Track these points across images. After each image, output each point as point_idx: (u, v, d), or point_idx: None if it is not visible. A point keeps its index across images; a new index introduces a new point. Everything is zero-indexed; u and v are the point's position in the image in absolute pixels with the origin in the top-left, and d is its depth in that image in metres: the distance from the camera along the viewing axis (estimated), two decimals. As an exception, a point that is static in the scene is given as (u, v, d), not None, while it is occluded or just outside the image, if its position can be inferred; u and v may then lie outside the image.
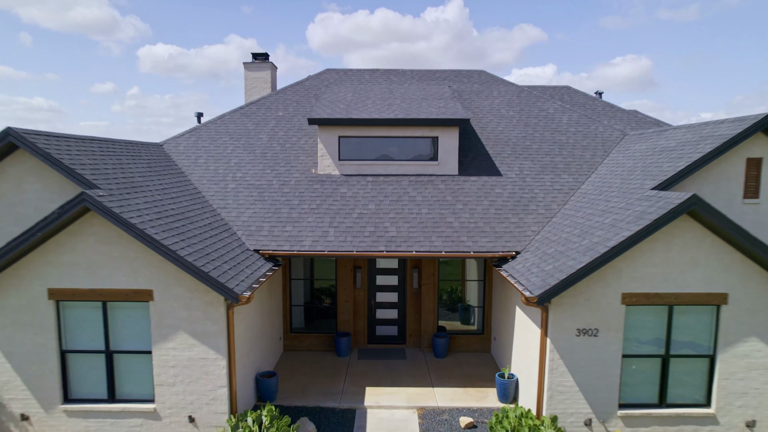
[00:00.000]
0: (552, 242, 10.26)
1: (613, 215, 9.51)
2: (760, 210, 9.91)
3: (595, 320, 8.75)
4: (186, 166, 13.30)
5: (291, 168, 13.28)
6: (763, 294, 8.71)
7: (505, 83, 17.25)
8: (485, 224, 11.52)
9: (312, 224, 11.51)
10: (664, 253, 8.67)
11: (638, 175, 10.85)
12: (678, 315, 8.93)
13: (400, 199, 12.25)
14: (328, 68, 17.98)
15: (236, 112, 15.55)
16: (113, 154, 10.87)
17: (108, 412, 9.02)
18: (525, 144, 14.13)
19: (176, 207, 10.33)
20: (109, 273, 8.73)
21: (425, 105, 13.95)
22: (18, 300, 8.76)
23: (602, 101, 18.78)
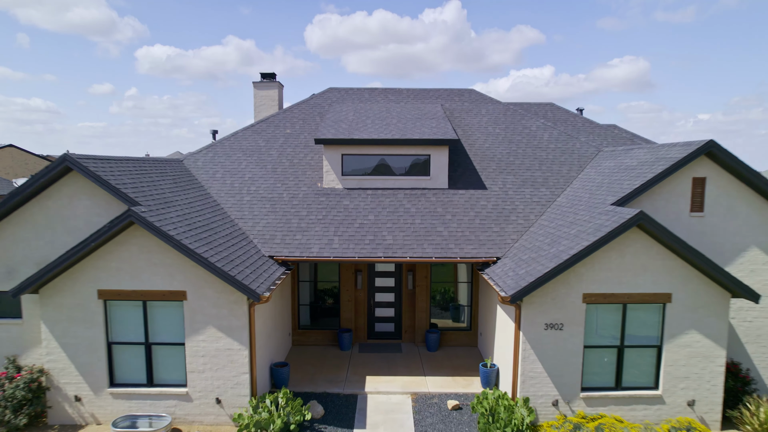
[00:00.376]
0: (527, 249, 11.87)
1: (578, 227, 11.12)
2: (704, 222, 11.51)
3: (561, 316, 10.36)
4: (205, 180, 14.88)
5: (299, 182, 14.88)
6: (700, 294, 10.32)
7: (492, 102, 18.88)
8: (471, 233, 13.13)
9: (319, 233, 13.10)
10: (619, 260, 10.28)
11: (604, 191, 12.46)
12: (630, 312, 10.55)
13: (396, 210, 13.85)
14: (331, 87, 19.59)
15: (248, 130, 17.14)
16: (145, 172, 12.46)
17: (147, 394, 10.60)
18: (509, 160, 15.75)
19: (202, 219, 11.91)
20: (149, 276, 10.31)
21: (419, 125, 15.56)
22: (72, 299, 10.33)
23: (582, 117, 20.42)
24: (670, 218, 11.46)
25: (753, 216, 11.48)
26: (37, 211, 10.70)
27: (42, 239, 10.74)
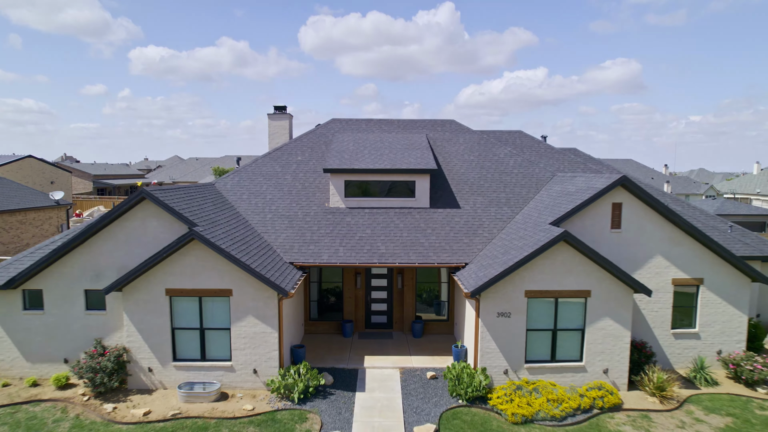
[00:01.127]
0: (487, 257, 15.53)
1: (525, 240, 14.79)
2: (621, 236, 15.18)
3: (509, 307, 14.01)
4: (234, 200, 18.46)
5: (310, 202, 18.49)
6: (611, 290, 14.01)
7: (469, 132, 22.55)
8: (446, 244, 16.78)
9: (327, 244, 16.70)
10: (551, 265, 13.95)
11: (548, 212, 16.13)
12: (561, 304, 14.22)
13: (388, 225, 17.48)
14: (334, 118, 23.23)
15: (266, 157, 20.73)
16: (192, 197, 16.03)
17: (201, 367, 14.16)
18: (479, 183, 19.42)
19: (239, 234, 15.51)
20: (203, 278, 13.88)
21: (407, 155, 19.21)
22: (147, 295, 13.89)
23: (546, 144, 24.10)
24: (595, 234, 15.15)
25: (657, 232, 15.19)
26: (118, 230, 14.26)
27: (121, 251, 14.29)
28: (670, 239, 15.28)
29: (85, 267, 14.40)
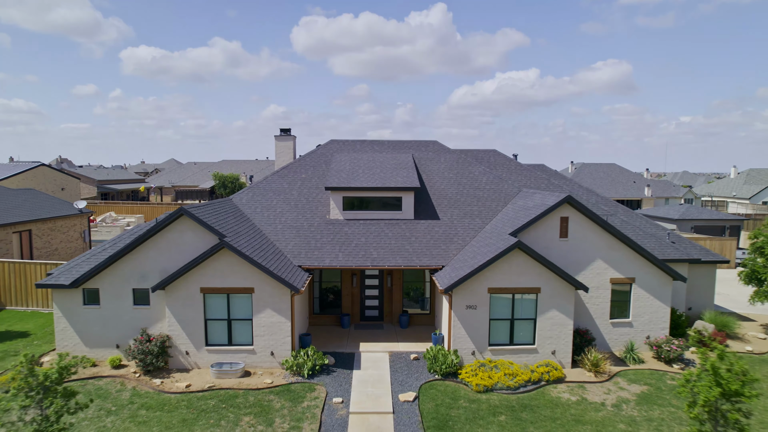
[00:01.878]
0: (460, 261, 19.05)
1: (489, 247, 18.32)
2: (568, 244, 18.73)
3: (475, 301, 17.54)
4: (249, 213, 21.87)
5: (314, 214, 21.94)
6: (557, 288, 17.56)
7: (449, 151, 26.08)
8: (427, 250, 20.28)
9: (328, 250, 20.16)
10: (508, 268, 17.48)
11: (509, 224, 19.66)
12: (517, 298, 17.76)
13: (378, 234, 20.97)
14: (332, 139, 26.69)
15: (275, 175, 24.16)
16: (218, 212, 19.43)
17: (228, 350, 17.57)
18: (456, 198, 22.96)
19: (257, 242, 18.94)
20: (231, 278, 17.30)
21: (395, 174, 22.71)
22: (185, 293, 17.30)
23: (516, 162, 27.67)
24: (547, 241, 18.70)
25: (597, 240, 18.77)
26: (161, 240, 17.65)
27: (163, 257, 17.68)
28: (608, 246, 18.87)
29: (134, 270, 17.78)
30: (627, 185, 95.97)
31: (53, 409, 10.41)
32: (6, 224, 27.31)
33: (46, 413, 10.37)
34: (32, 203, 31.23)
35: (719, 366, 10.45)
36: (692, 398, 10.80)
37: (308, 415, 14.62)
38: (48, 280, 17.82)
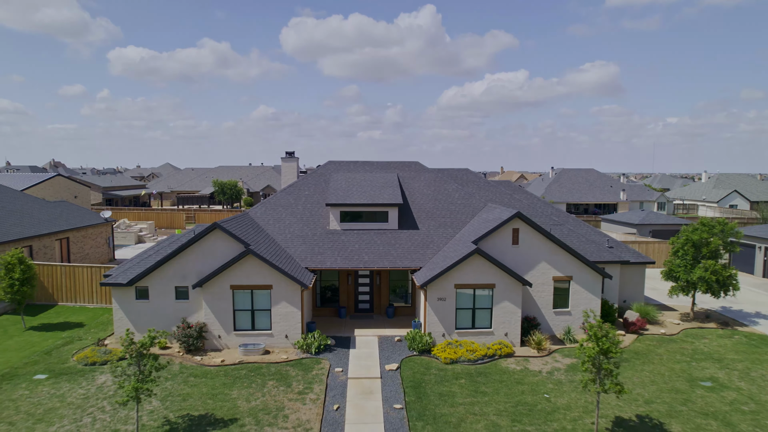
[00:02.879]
0: (434, 263, 24.03)
1: (456, 252, 23.30)
2: (519, 250, 23.74)
3: (444, 294, 22.52)
4: (263, 224, 26.69)
5: (316, 225, 26.81)
6: (508, 283, 22.58)
7: (429, 171, 31.06)
8: (408, 254, 25.23)
9: (329, 255, 25.04)
10: (470, 268, 22.48)
11: (474, 233, 24.65)
12: (477, 292, 22.78)
13: (369, 242, 25.89)
14: (330, 161, 31.57)
15: (283, 192, 28.99)
16: (239, 225, 24.24)
17: (251, 334, 22.40)
18: (433, 211, 27.94)
19: (272, 249, 23.78)
20: (254, 278, 22.13)
21: (383, 192, 27.63)
22: (218, 289, 22.12)
23: (485, 179, 32.70)
24: (503, 247, 23.70)
25: (541, 246, 23.81)
26: (197, 248, 22.45)
27: (199, 261, 22.46)
28: (551, 251, 23.92)
29: (176, 272, 22.56)
30: (604, 189, 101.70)
31: (148, 367, 15.22)
32: (50, 233, 31.89)
33: (143, 369, 15.16)
34: (68, 214, 35.80)
35: (599, 334, 15.48)
36: (584, 356, 15.82)
37: (317, 380, 19.51)
38: (109, 280, 22.57)
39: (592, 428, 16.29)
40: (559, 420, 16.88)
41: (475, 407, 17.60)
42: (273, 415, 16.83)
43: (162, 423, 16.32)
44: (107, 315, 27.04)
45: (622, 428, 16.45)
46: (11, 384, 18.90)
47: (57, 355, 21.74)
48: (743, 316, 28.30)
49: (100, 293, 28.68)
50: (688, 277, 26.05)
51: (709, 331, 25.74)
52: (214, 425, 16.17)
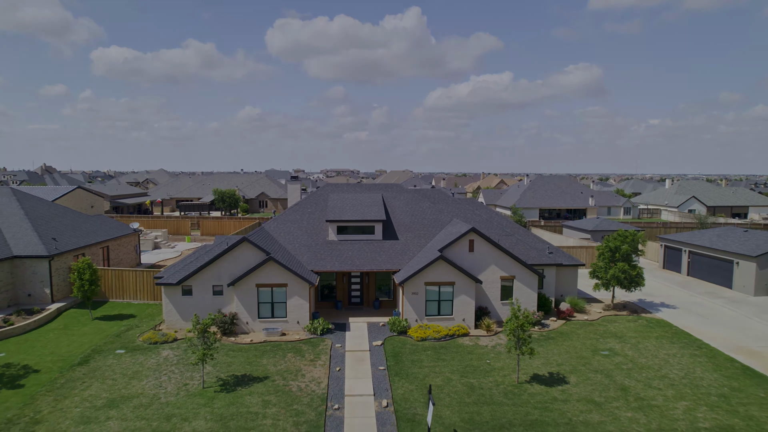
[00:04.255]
0: (409, 266, 31.43)
1: (426, 258, 30.72)
2: (474, 255, 31.19)
3: (417, 290, 29.93)
4: (276, 236, 33.89)
5: (318, 237, 34.09)
6: (465, 281, 30.05)
7: (407, 191, 38.47)
8: (390, 259, 32.61)
9: (328, 260, 32.32)
10: (436, 270, 29.91)
11: (441, 242, 32.06)
12: (442, 288, 30.23)
13: (359, 250, 33.22)
14: (328, 183, 38.89)
15: (290, 210, 36.20)
16: (260, 237, 31.42)
17: (271, 320, 29.61)
18: (410, 225, 35.37)
19: (286, 256, 31.01)
20: (273, 278, 29.34)
21: (370, 209, 34.98)
22: (246, 287, 29.30)
23: (453, 197, 40.15)
24: (462, 254, 31.14)
25: (491, 253, 31.33)
26: (230, 256, 29.60)
27: (231, 265, 29.60)
28: (498, 256, 31.42)
29: (213, 274, 29.67)
30: (575, 196, 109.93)
31: (210, 339, 22.38)
32: (97, 243, 38.76)
33: (207, 341, 22.31)
34: (107, 226, 42.64)
35: (518, 313, 22.97)
36: (507, 330, 23.30)
37: (323, 352, 26.77)
38: (161, 281, 29.62)
39: (515, 380, 23.78)
40: (494, 375, 24.35)
41: (436, 368, 25.02)
42: (294, 374, 24.10)
43: (216, 379, 23.49)
44: (151, 309, 34.06)
45: (535, 380, 23.96)
46: (102, 356, 25.96)
47: (125, 337, 28.77)
48: (652, 306, 36.14)
49: (143, 291, 35.67)
50: (606, 275, 33.76)
51: (621, 317, 33.48)
52: (254, 380, 23.39)
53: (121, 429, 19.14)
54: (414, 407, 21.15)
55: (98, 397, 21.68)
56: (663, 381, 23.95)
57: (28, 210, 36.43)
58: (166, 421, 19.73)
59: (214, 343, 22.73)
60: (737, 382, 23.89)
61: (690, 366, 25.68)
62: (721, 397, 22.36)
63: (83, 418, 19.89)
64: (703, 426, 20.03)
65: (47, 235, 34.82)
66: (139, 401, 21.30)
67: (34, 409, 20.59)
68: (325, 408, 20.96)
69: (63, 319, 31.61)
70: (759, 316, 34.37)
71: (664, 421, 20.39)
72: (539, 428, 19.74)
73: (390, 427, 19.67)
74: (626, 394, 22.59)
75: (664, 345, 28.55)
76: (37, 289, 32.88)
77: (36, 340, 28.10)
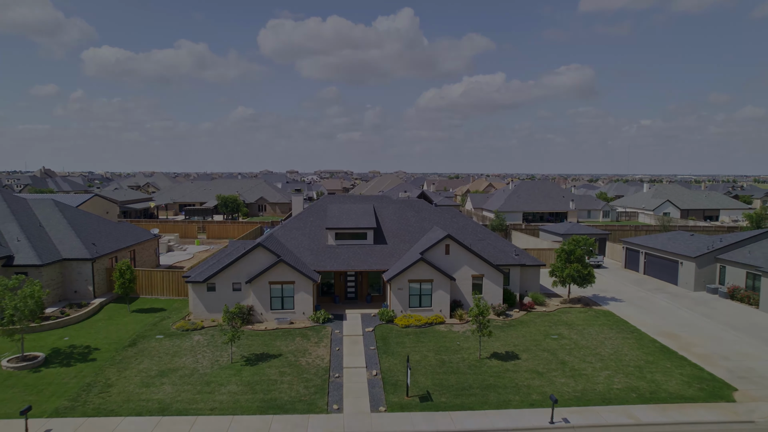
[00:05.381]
0: (395, 266, 37.68)
1: (410, 259, 36.99)
2: (450, 257, 37.42)
3: (402, 286, 36.20)
4: (284, 242, 40.05)
5: (319, 242, 40.30)
6: (442, 279, 36.35)
7: (394, 202, 44.74)
8: (380, 260, 38.86)
9: (328, 261, 38.51)
10: (418, 269, 36.18)
11: (422, 246, 38.32)
12: (423, 285, 36.51)
13: (354, 252, 39.45)
14: (327, 194, 45.05)
15: (294, 219, 42.36)
16: (271, 242, 37.57)
17: (282, 312, 35.76)
18: (397, 232, 41.65)
19: (293, 258, 37.18)
20: (283, 276, 35.51)
21: (363, 218, 41.21)
22: (260, 284, 35.44)
23: (435, 207, 46.40)
24: (439, 256, 37.43)
25: (464, 255, 37.64)
26: (246, 259, 35.71)
27: (248, 266, 35.71)
28: (470, 258, 37.72)
29: (233, 273, 35.78)
30: (556, 200, 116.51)
31: (238, 324, 28.53)
32: (126, 247, 44.78)
33: (234, 326, 28.44)
34: (133, 232, 48.64)
35: (479, 304, 29.26)
36: (471, 315, 29.57)
37: (325, 337, 32.95)
38: (189, 279, 35.70)
39: (478, 356, 30.03)
40: (462, 354, 30.61)
41: (416, 348, 31.27)
42: (302, 353, 30.28)
43: (241, 357, 29.61)
44: (177, 303, 40.11)
45: (494, 357, 30.23)
46: (145, 340, 32.04)
47: (160, 326, 34.84)
48: (603, 300, 42.61)
49: (169, 289, 41.71)
50: (562, 274, 40.15)
51: (574, 309, 39.89)
52: (271, 357, 29.54)
53: (174, 391, 25.28)
54: (397, 376, 27.38)
55: (151, 369, 27.80)
56: (595, 357, 30.32)
57: (69, 219, 42.38)
58: (207, 386, 25.87)
59: (240, 327, 28.87)
60: (653, 357, 30.32)
61: (620, 346, 32.09)
62: (636, 368, 28.76)
63: (143, 383, 26.01)
64: (616, 387, 26.39)
65: (88, 240, 40.81)
66: (182, 372, 27.42)
67: (105, 377, 26.70)
68: (328, 377, 27.16)
69: (106, 312, 37.66)
70: (690, 308, 40.91)
71: (588, 384, 26.74)
72: (492, 390, 26.03)
73: (378, 389, 25.89)
74: (564, 367, 28.92)
75: (603, 331, 34.97)
76: (82, 287, 38.89)
77: (89, 327, 34.16)
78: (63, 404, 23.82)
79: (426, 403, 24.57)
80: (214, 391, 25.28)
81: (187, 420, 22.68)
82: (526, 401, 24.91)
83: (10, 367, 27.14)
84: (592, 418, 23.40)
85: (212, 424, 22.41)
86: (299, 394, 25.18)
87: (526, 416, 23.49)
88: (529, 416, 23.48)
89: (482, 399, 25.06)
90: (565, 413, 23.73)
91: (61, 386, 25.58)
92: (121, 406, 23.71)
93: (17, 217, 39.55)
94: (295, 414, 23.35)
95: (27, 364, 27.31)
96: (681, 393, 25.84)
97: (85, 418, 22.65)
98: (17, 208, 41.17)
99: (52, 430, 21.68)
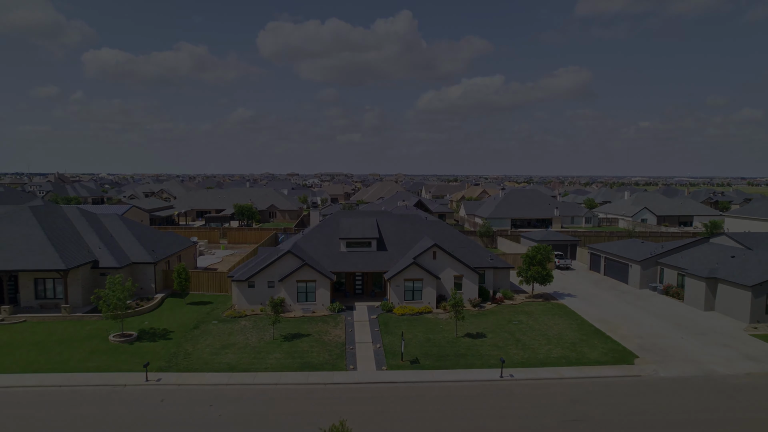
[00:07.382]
0: (394, 269, 48.02)
1: (405, 263, 47.34)
2: (436, 261, 47.70)
3: (399, 284, 46.55)
4: (305, 249, 50.39)
5: (333, 249, 50.66)
6: (430, 278, 46.70)
7: (393, 216, 55.11)
8: (381, 263, 49.21)
9: (341, 264, 48.86)
10: (411, 271, 46.58)
11: (414, 253, 48.65)
12: (415, 283, 46.91)
13: (361, 258, 49.80)
14: (340, 210, 55.42)
15: (313, 229, 52.72)
16: (296, 249, 47.93)
17: (306, 303, 46.07)
18: (395, 241, 52.04)
19: (314, 262, 47.54)
20: (307, 276, 45.84)
21: (368, 230, 51.58)
22: (290, 282, 45.84)
23: (426, 220, 56.69)
24: (429, 260, 47.75)
25: (448, 260, 47.99)
26: (278, 262, 46.12)
27: (279, 268, 45.99)
28: (452, 261, 48.01)
29: (268, 273, 46.05)
30: (543, 207, 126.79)
31: (279, 310, 38.83)
32: (175, 252, 55.10)
33: (277, 312, 38.74)
34: (177, 239, 58.98)
35: (455, 297, 39.59)
36: (449, 305, 39.89)
37: (340, 322, 43.25)
38: (234, 278, 46.00)
39: (454, 335, 40.32)
40: (443, 333, 40.90)
41: (409, 330, 41.57)
42: (324, 333, 40.60)
43: (279, 335, 39.91)
44: (220, 298, 50.39)
45: (467, 336, 40.51)
46: (204, 324, 42.37)
47: (212, 315, 45.16)
48: (561, 296, 52.97)
49: (213, 286, 51.98)
50: (526, 274, 50.49)
51: (536, 302, 50.22)
52: (302, 336, 39.84)
53: (236, 357, 35.59)
54: (394, 348, 37.69)
55: (215, 343, 38.13)
56: (543, 337, 40.63)
57: (131, 230, 52.73)
58: (258, 354, 36.19)
59: (279, 313, 39.23)
60: (586, 337, 40.67)
61: (563, 329, 42.42)
62: (571, 344, 39.09)
63: (212, 353, 36.34)
64: (553, 356, 36.70)
65: (148, 247, 51.19)
66: (238, 346, 37.73)
67: (183, 348, 37.04)
68: (344, 348, 37.48)
69: (167, 304, 48.01)
70: (631, 302, 51.26)
71: (533, 354, 37.05)
72: (462, 357, 36.33)
73: (381, 356, 36.21)
74: (518, 343, 39.24)
75: (554, 318, 45.31)
76: (147, 285, 49.25)
77: (159, 316, 44.53)
78: (162, 364, 34.15)
79: (415, 365, 34.88)
80: (264, 358, 35.59)
81: (250, 375, 33.00)
82: (486, 364, 35.22)
83: (116, 341, 37.49)
84: (530, 374, 33.71)
85: (268, 377, 32.74)
86: (325, 359, 35.51)
87: (484, 373, 33.80)
88: (486, 373, 33.79)
89: (455, 362, 35.38)
90: (512, 372, 34.04)
91: (155, 354, 35.91)
92: (202, 366, 34.03)
93: (95, 229, 49.91)
94: (324, 371, 33.66)
95: (126, 339, 37.66)
96: (598, 359, 36.17)
97: (179, 373, 32.97)
98: (92, 221, 51.52)
99: (161, 378, 32.01)
